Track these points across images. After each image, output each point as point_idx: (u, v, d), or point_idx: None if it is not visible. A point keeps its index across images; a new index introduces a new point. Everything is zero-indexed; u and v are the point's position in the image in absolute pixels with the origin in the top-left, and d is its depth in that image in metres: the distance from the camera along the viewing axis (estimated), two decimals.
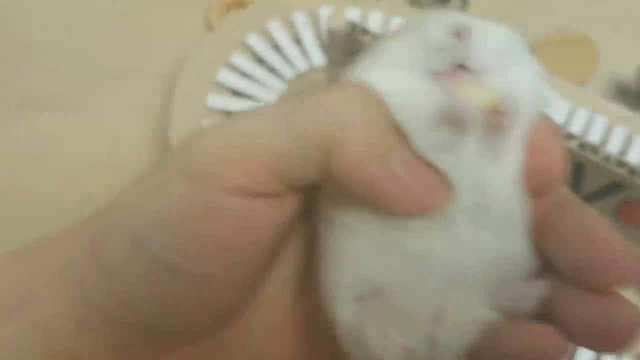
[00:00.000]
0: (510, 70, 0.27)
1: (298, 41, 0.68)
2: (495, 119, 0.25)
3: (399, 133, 0.26)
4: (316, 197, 0.29)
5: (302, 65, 0.67)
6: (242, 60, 0.66)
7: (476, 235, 0.26)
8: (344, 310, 0.27)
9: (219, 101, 0.64)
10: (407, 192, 0.25)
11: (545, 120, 0.27)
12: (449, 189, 0.26)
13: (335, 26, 0.54)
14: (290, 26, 0.68)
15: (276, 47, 0.67)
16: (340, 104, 0.26)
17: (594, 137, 0.62)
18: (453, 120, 0.25)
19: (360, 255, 0.27)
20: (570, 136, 0.51)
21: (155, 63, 0.71)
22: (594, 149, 0.50)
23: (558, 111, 0.63)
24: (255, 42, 0.67)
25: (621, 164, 0.50)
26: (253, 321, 0.30)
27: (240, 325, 0.30)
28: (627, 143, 0.62)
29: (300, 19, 0.68)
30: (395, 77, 0.27)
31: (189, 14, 0.74)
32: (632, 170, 0.50)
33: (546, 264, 0.27)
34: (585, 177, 0.52)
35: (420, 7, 0.73)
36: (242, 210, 0.26)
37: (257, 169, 0.26)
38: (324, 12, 0.67)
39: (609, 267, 0.25)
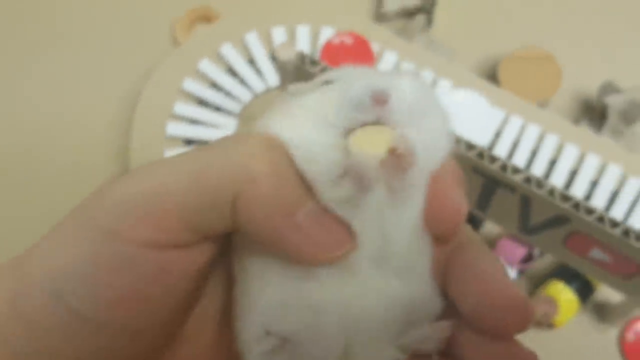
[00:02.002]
0: (420, 121, 0.27)
1: (253, 61, 0.68)
2: (394, 161, 0.25)
3: (306, 185, 0.26)
4: (233, 240, 0.29)
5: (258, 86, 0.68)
6: (211, 70, 0.67)
7: (381, 282, 0.27)
8: None
9: (185, 109, 0.65)
10: (312, 242, 0.26)
11: (448, 167, 0.27)
12: (353, 238, 0.26)
13: (285, 57, 0.54)
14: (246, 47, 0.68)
15: (233, 70, 0.68)
16: (247, 156, 0.26)
17: (541, 166, 0.63)
18: (354, 177, 0.25)
19: (268, 306, 0.27)
20: (515, 170, 0.51)
21: (120, 76, 0.71)
22: (539, 183, 0.50)
23: (507, 136, 0.64)
24: (229, 52, 0.67)
25: (566, 198, 0.50)
26: (177, 359, 0.30)
27: None
28: (575, 169, 0.62)
29: (254, 40, 0.68)
30: (306, 130, 0.27)
31: (154, 28, 0.74)
32: (576, 205, 0.50)
33: (450, 304, 0.27)
34: (533, 208, 0.53)
35: (385, 21, 0.73)
36: (155, 262, 0.26)
37: (168, 221, 0.26)
38: (300, 31, 0.68)
39: (503, 315, 0.26)
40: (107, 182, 0.27)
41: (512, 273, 0.62)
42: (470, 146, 0.52)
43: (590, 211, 0.50)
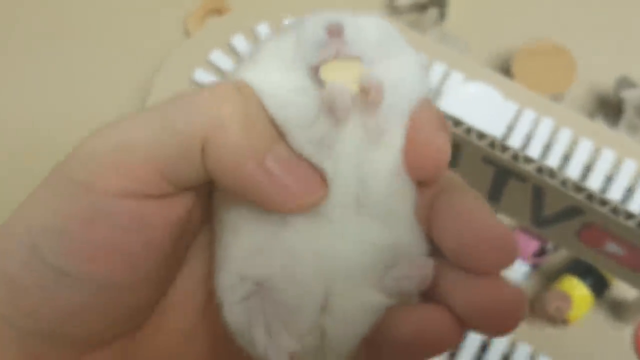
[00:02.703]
0: (385, 60, 0.27)
1: None
2: (363, 95, 0.25)
3: (276, 130, 0.26)
4: (213, 197, 0.29)
5: None
6: (222, 61, 0.66)
7: (360, 227, 0.27)
8: (232, 311, 0.27)
9: None
10: (283, 189, 0.25)
11: (427, 108, 0.27)
12: (325, 185, 0.26)
13: None
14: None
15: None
16: (215, 102, 0.26)
17: (555, 159, 0.62)
18: (328, 113, 0.25)
19: (242, 254, 0.27)
20: (527, 159, 0.50)
21: (132, 68, 0.71)
22: (552, 173, 0.49)
23: (520, 129, 0.63)
24: (240, 44, 0.66)
25: (579, 189, 0.49)
26: (164, 324, 0.30)
27: (151, 328, 0.30)
28: (590, 165, 0.61)
29: (265, 32, 0.67)
30: (273, 75, 0.27)
31: (166, 20, 0.73)
32: (590, 196, 0.49)
33: (436, 249, 0.27)
34: (546, 200, 0.52)
35: (398, 14, 0.72)
36: (130, 212, 0.26)
37: (140, 170, 0.26)
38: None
39: (485, 250, 0.25)
40: (81, 139, 0.27)
41: (525, 267, 0.62)
42: (481, 135, 0.51)
43: (604, 202, 0.49)
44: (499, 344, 0.58)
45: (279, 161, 0.26)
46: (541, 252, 0.62)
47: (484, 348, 0.58)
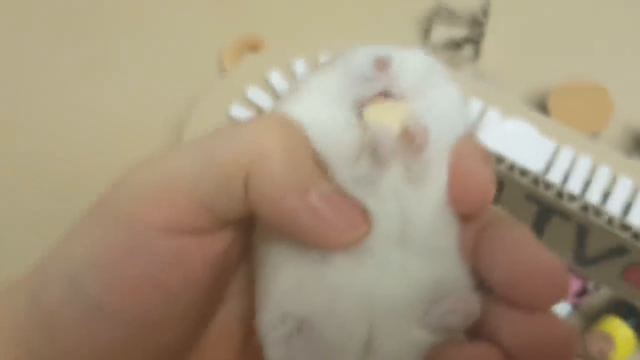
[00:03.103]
0: (429, 94, 0.26)
1: None
2: (408, 140, 0.25)
3: (320, 165, 0.26)
4: (253, 234, 0.28)
5: None
6: (259, 97, 0.66)
7: (404, 263, 0.26)
8: (274, 350, 0.26)
9: None
10: (326, 225, 0.25)
11: (469, 142, 0.26)
12: (369, 221, 0.25)
13: None
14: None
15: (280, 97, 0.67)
16: (259, 134, 0.25)
17: (595, 197, 0.61)
18: (371, 152, 0.25)
19: (284, 292, 0.26)
20: (572, 197, 0.49)
21: (168, 104, 0.71)
22: (597, 211, 0.49)
23: (559, 166, 0.63)
24: (276, 79, 0.67)
25: (625, 227, 0.49)
26: None
27: None
28: (631, 203, 0.60)
29: (301, 67, 0.67)
30: (318, 109, 0.26)
31: (202, 56, 0.74)
32: (636, 235, 0.48)
33: (482, 284, 0.26)
34: (589, 238, 0.51)
35: (433, 52, 0.72)
36: (170, 247, 0.25)
37: (181, 204, 0.25)
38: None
39: (536, 283, 0.24)
40: (122, 172, 0.27)
41: (566, 307, 0.61)
42: (523, 172, 0.51)
43: None
44: None
45: (322, 196, 0.25)
46: (583, 292, 0.61)
47: None
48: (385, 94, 0.26)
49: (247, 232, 0.28)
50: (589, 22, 0.74)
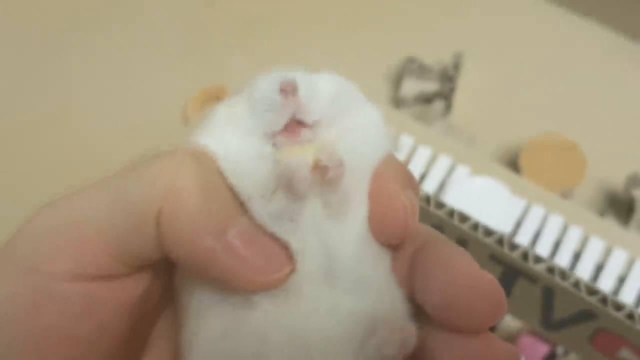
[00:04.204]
0: (344, 118, 0.26)
1: None
2: (321, 174, 0.24)
3: (236, 201, 0.25)
4: (175, 278, 0.27)
5: None
6: None
7: (333, 300, 0.25)
8: None
9: None
10: (246, 266, 0.24)
11: (388, 165, 0.26)
12: (292, 259, 0.24)
13: None
14: None
15: None
16: (171, 168, 0.24)
17: (564, 259, 0.60)
18: (287, 185, 0.24)
19: (208, 341, 0.25)
20: (537, 259, 0.48)
21: (129, 154, 0.70)
22: (563, 274, 0.47)
23: (528, 226, 0.62)
24: None
25: (592, 291, 0.47)
26: None
27: None
28: (602, 265, 0.59)
29: None
30: (230, 141, 0.25)
31: (165, 106, 0.73)
32: (603, 299, 0.47)
33: (420, 311, 0.25)
34: (556, 302, 0.50)
35: (403, 106, 0.72)
36: (81, 296, 0.24)
37: (89, 249, 0.24)
38: None
39: (472, 301, 0.23)
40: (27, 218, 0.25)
41: None
42: (488, 232, 0.49)
43: (619, 307, 0.47)
44: None
45: (241, 235, 0.24)
46: (551, 357, 0.59)
47: None
48: (297, 122, 0.25)
49: (169, 272, 0.27)
50: (563, 77, 0.75)
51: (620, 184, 0.68)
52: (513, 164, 0.68)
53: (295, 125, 0.25)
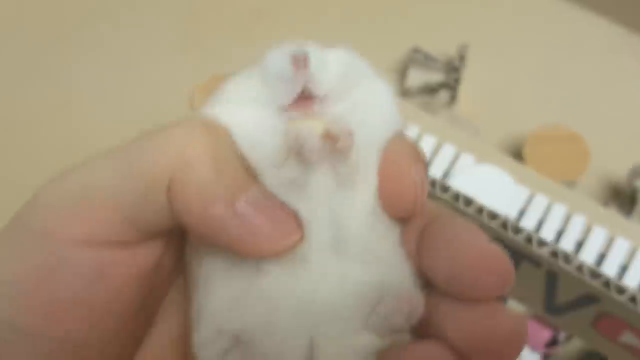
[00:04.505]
0: (354, 92, 0.27)
1: None
2: (330, 143, 0.25)
3: (248, 169, 0.25)
4: (186, 249, 0.27)
5: None
6: None
7: (340, 267, 0.26)
8: None
9: None
10: (256, 233, 0.24)
11: (399, 141, 0.26)
12: (301, 228, 0.25)
13: None
14: None
15: None
16: (183, 138, 0.24)
17: (568, 245, 0.60)
18: (297, 153, 0.25)
19: (218, 307, 0.26)
20: (541, 242, 0.48)
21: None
22: (566, 258, 0.48)
23: (532, 214, 0.62)
24: None
25: (596, 275, 0.48)
26: None
27: None
28: (604, 253, 0.60)
29: None
30: (242, 113, 0.26)
31: (174, 94, 0.74)
32: (606, 283, 0.47)
33: (428, 284, 0.26)
34: (560, 286, 0.50)
35: (408, 97, 0.72)
36: (92, 262, 0.24)
37: (102, 215, 0.24)
38: None
39: (480, 272, 0.24)
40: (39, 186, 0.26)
41: (535, 357, 0.60)
42: (492, 216, 0.50)
43: (621, 290, 0.47)
44: None
45: (251, 202, 0.24)
46: (553, 342, 0.60)
47: None
48: (306, 93, 0.25)
49: (181, 243, 0.27)
50: (567, 70, 0.75)
51: (623, 176, 0.68)
52: (517, 154, 0.69)
53: (306, 98, 0.26)
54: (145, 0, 0.79)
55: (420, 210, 0.26)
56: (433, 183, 0.53)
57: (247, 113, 0.26)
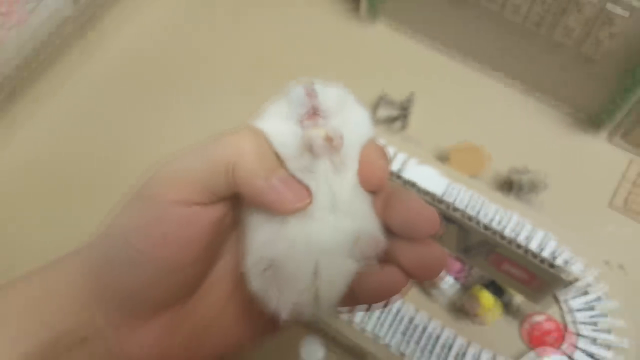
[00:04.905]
0: (344, 112, 0.26)
1: None
2: (329, 143, 0.25)
3: (278, 159, 0.25)
4: (241, 211, 0.27)
5: None
6: None
7: (334, 221, 0.26)
8: (255, 280, 0.26)
9: None
10: (283, 198, 0.24)
11: (372, 144, 0.26)
12: (310, 196, 0.25)
13: None
14: None
15: None
16: (238, 139, 0.25)
17: (472, 211, 0.62)
18: (309, 149, 0.25)
19: (259, 244, 0.26)
20: (455, 209, 0.50)
21: None
22: (471, 218, 0.50)
23: (450, 195, 0.63)
24: None
25: (487, 227, 0.49)
26: (204, 299, 0.28)
27: (199, 297, 0.28)
28: (493, 217, 0.61)
29: None
30: (275, 124, 0.26)
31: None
32: (494, 232, 0.49)
33: (389, 232, 0.26)
34: (469, 236, 0.52)
35: (378, 124, 0.73)
36: (183, 214, 0.25)
37: (189, 186, 0.24)
38: None
39: (421, 222, 0.25)
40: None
41: (451, 280, 0.61)
42: (426, 193, 0.51)
43: (503, 237, 0.49)
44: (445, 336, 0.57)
45: (280, 180, 0.24)
46: (461, 270, 0.61)
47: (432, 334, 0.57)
48: (315, 112, 0.26)
49: (237, 205, 0.27)
50: (475, 109, 0.74)
51: (505, 172, 0.69)
52: (444, 158, 0.69)
53: (315, 114, 0.26)
54: (220, 56, 0.76)
55: (384, 187, 0.26)
56: (392, 174, 0.54)
57: (278, 124, 0.26)
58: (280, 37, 0.78)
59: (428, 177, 0.64)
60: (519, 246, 0.49)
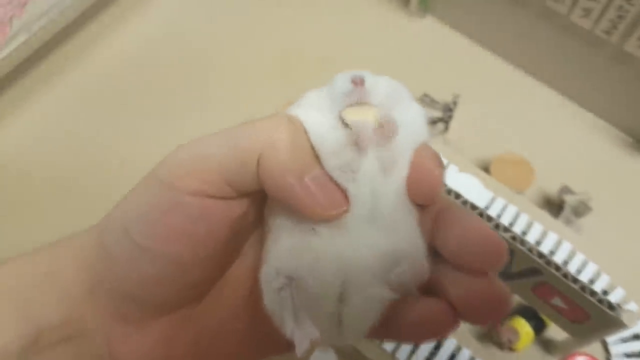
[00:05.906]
0: (396, 107, 0.23)
1: None
2: (380, 130, 0.22)
3: (314, 155, 0.23)
4: (265, 208, 0.25)
5: None
6: None
7: (371, 235, 0.23)
8: (269, 298, 0.23)
9: None
10: (315, 201, 0.22)
11: (428, 148, 0.23)
12: (347, 203, 0.22)
13: None
14: None
15: None
16: (271, 127, 0.22)
17: (519, 233, 0.55)
18: (354, 142, 0.22)
19: (280, 252, 0.23)
20: (505, 229, 0.43)
21: None
22: (522, 241, 0.42)
23: (493, 211, 0.57)
24: None
25: (541, 255, 0.42)
26: (219, 300, 0.26)
27: (209, 302, 0.26)
28: (538, 244, 0.54)
29: None
30: (314, 115, 0.23)
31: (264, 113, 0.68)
32: (548, 262, 0.42)
33: (435, 255, 0.23)
34: (513, 260, 0.45)
35: None
36: (198, 207, 0.22)
37: (209, 176, 0.22)
38: None
39: (484, 252, 0.21)
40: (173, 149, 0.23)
41: None
42: (473, 207, 0.44)
43: (558, 268, 0.42)
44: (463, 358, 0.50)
45: (314, 179, 0.22)
46: None
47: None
48: (360, 104, 0.23)
49: (262, 202, 0.25)
50: (521, 116, 0.69)
51: (555, 191, 0.63)
52: (486, 169, 0.64)
53: (362, 105, 0.23)
54: (248, 46, 0.73)
55: (436, 200, 0.23)
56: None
57: (317, 115, 0.23)
58: (315, 29, 0.74)
59: (470, 187, 0.57)
60: (575, 280, 0.41)
